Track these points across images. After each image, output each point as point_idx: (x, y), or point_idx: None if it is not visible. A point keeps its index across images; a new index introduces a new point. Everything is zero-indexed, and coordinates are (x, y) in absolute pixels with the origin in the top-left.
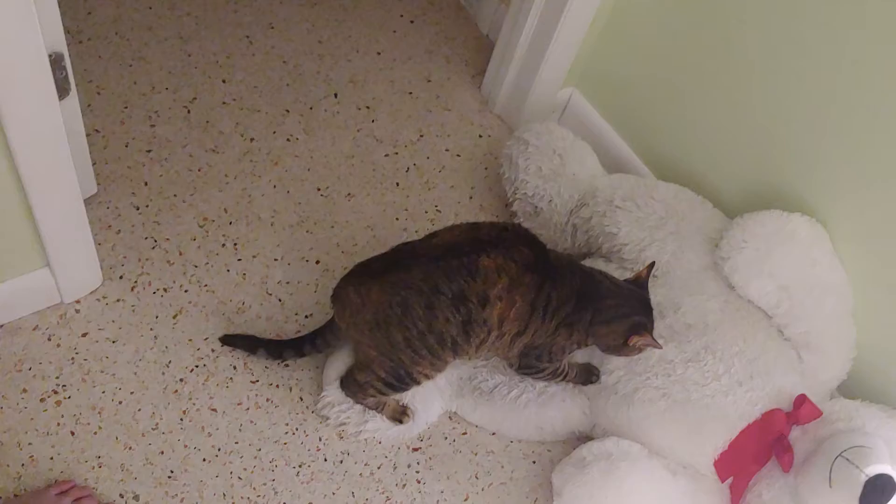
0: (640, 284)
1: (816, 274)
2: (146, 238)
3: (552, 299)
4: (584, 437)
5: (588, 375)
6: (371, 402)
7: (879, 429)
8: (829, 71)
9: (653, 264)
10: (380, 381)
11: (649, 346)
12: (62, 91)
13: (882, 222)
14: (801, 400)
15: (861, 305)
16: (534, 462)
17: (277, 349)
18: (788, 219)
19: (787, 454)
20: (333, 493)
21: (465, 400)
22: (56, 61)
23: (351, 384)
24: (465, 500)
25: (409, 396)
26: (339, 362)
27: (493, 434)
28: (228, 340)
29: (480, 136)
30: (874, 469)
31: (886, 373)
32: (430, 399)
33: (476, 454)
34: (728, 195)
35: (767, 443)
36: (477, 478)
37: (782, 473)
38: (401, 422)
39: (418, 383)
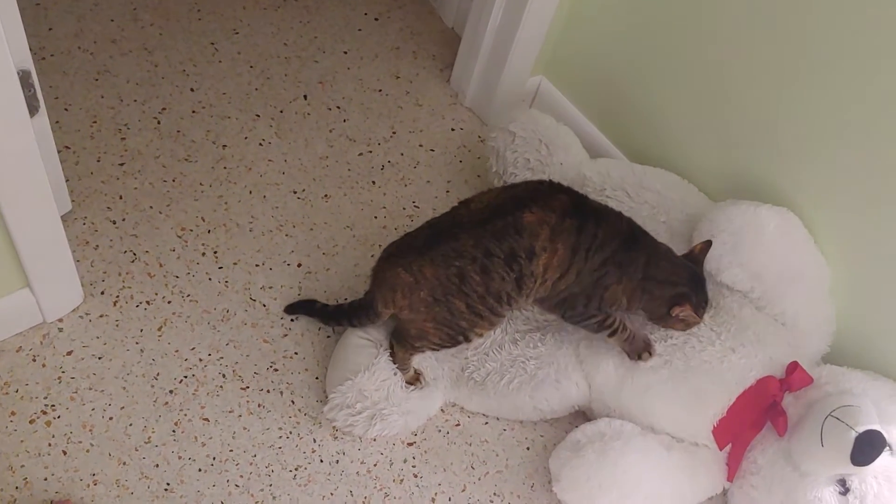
0: (693, 259)
1: (787, 261)
2: (125, 252)
3: (597, 237)
4: (584, 413)
5: (641, 348)
6: (403, 362)
7: (867, 390)
8: (800, 53)
9: (709, 243)
10: (436, 345)
11: (689, 319)
12: (31, 109)
13: (857, 200)
14: (793, 367)
15: (841, 281)
16: (527, 448)
17: (329, 316)
18: (756, 212)
19: (782, 418)
20: (332, 494)
21: (461, 391)
22: (24, 79)
23: (404, 343)
24: (463, 490)
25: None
26: (341, 368)
27: (486, 423)
28: (291, 309)
29: (453, 130)
30: (863, 426)
31: (864, 345)
32: (430, 394)
33: (470, 444)
34: (703, 177)
35: (762, 409)
36: (473, 468)
37: (776, 438)
38: (413, 385)
39: (474, 340)
